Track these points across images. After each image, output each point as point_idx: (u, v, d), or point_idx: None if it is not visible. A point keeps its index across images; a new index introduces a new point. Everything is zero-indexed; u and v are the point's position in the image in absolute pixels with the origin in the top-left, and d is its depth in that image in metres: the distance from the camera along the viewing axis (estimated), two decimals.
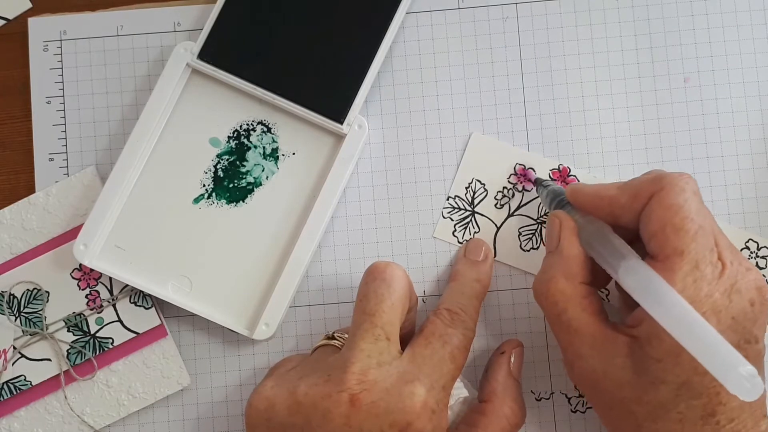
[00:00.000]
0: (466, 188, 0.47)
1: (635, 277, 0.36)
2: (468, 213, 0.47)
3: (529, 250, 0.46)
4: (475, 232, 0.46)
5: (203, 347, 0.47)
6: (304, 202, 0.46)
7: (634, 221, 0.38)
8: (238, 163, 0.46)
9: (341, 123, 0.45)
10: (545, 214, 0.46)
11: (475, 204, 0.47)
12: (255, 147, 0.46)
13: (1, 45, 0.48)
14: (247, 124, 0.47)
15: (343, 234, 0.47)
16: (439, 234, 0.47)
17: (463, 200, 0.47)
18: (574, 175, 0.46)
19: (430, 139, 0.47)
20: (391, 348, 0.38)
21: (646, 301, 0.35)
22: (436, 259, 0.47)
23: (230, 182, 0.46)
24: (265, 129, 0.47)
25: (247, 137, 0.47)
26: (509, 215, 0.46)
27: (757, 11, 0.47)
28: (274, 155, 0.46)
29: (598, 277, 0.39)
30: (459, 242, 0.46)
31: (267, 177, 0.46)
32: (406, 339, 0.40)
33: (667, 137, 0.47)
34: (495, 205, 0.47)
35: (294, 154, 0.46)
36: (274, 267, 0.46)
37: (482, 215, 0.47)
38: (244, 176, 0.46)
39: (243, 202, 0.46)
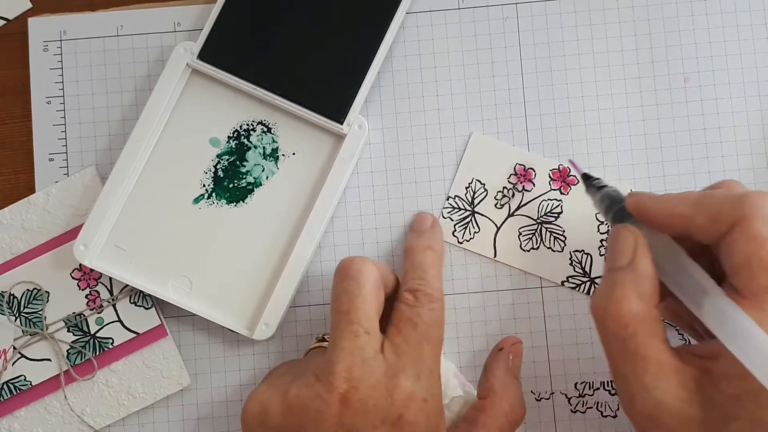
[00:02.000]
0: (466, 188, 0.47)
1: (723, 318, 0.33)
2: (468, 213, 0.47)
3: (529, 250, 0.46)
4: (475, 232, 0.46)
5: (203, 347, 0.47)
6: (304, 202, 0.46)
7: (712, 242, 0.35)
8: (238, 163, 0.46)
9: (341, 123, 0.45)
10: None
11: (475, 204, 0.47)
12: (255, 147, 0.46)
13: (1, 45, 0.48)
14: (247, 124, 0.47)
15: (343, 234, 0.47)
16: None
17: (463, 200, 0.47)
18: (574, 175, 0.46)
19: (430, 139, 0.47)
20: (372, 341, 0.38)
21: (735, 345, 0.32)
22: None
23: (230, 182, 0.46)
24: (265, 129, 0.47)
25: (247, 137, 0.47)
26: (509, 215, 0.46)
27: (757, 11, 0.47)
28: (274, 155, 0.46)
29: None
30: (459, 242, 0.46)
31: (267, 177, 0.46)
32: None
33: (667, 137, 0.47)
34: (495, 205, 0.47)
35: (294, 154, 0.46)
36: (274, 267, 0.46)
37: (482, 215, 0.47)
38: (244, 176, 0.46)
39: (243, 202, 0.46)
